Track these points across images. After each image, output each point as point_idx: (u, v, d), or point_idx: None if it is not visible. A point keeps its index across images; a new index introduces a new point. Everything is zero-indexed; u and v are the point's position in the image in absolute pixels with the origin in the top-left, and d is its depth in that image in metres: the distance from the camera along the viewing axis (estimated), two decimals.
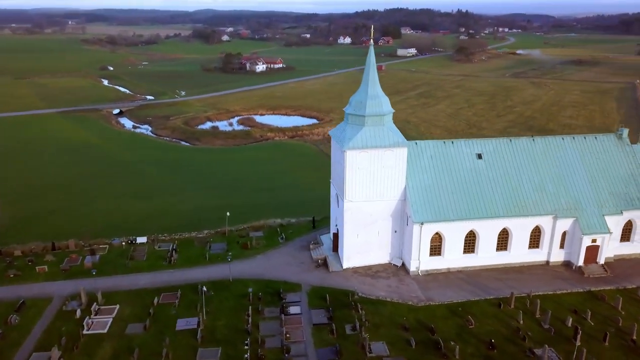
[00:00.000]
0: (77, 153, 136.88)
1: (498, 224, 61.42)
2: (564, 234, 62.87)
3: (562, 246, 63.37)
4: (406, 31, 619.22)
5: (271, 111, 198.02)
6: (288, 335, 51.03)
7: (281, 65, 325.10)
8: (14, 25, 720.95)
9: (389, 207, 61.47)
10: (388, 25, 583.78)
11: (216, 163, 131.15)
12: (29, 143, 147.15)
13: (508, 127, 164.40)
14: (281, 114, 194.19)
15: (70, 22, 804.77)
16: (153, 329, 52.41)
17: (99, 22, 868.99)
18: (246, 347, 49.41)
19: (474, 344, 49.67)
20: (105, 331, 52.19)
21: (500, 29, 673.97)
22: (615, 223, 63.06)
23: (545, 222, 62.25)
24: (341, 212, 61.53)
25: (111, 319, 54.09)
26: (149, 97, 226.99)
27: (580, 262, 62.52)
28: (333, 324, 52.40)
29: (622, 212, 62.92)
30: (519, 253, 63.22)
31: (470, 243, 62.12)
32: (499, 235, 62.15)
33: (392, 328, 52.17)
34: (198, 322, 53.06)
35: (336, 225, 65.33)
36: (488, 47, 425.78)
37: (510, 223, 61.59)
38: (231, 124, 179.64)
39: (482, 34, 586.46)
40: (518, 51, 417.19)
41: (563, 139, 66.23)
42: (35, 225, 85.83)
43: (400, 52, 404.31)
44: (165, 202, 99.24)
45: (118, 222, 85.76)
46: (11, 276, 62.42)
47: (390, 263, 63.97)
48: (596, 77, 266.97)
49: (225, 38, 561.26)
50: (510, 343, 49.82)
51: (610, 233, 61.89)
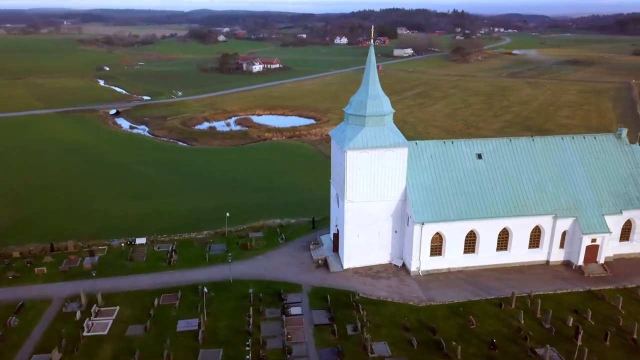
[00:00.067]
0: (75, 153, 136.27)
1: (498, 224, 61.50)
2: (564, 234, 63.03)
3: (562, 246, 63.54)
4: (402, 31, 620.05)
5: (268, 111, 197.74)
6: (289, 336, 50.94)
7: (278, 65, 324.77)
8: (9, 25, 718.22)
9: (390, 208, 61.46)
10: (384, 25, 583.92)
11: (214, 163, 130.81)
12: (26, 143, 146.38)
13: (505, 127, 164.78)
14: (278, 114, 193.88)
15: (65, 22, 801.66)
16: (154, 331, 52.25)
17: (95, 22, 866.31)
18: (247, 348, 49.32)
19: (476, 344, 49.72)
20: (105, 333, 52.01)
21: (496, 29, 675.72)
22: (614, 223, 63.26)
23: (545, 222, 62.37)
24: (342, 213, 61.45)
25: (111, 321, 53.90)
26: (146, 98, 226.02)
27: (580, 262, 62.67)
28: (334, 325, 52.34)
29: (622, 212, 63.14)
30: (519, 253, 63.33)
31: (470, 243, 62.17)
32: (499, 235, 62.23)
33: (394, 328, 52.17)
34: (199, 323, 52.92)
35: (336, 225, 65.24)
36: (484, 48, 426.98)
37: (510, 223, 61.69)
38: (228, 124, 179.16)
39: (478, 34, 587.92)
40: (514, 51, 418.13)
41: (562, 139, 66.37)
42: (33, 226, 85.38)
43: (396, 52, 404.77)
44: (163, 203, 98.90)
45: (116, 223, 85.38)
46: (10, 278, 62.10)
47: (390, 263, 63.94)
48: (592, 77, 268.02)
49: (221, 38, 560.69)
50: (511, 343, 49.89)
51: (609, 233, 62.06)
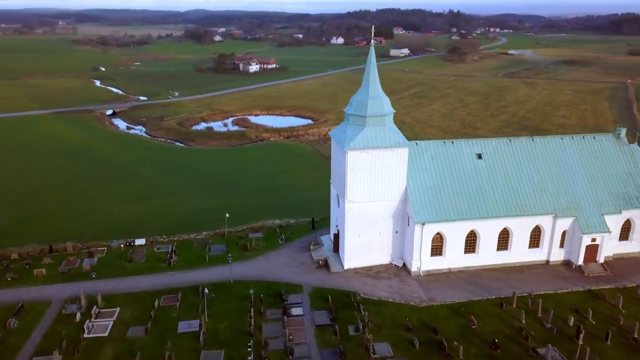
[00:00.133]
0: (72, 154, 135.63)
1: (499, 224, 61.59)
2: (564, 234, 63.17)
3: (562, 245, 63.67)
4: (398, 31, 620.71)
5: (266, 111, 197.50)
6: (291, 337, 50.84)
7: (274, 65, 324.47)
8: (4, 25, 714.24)
9: (390, 208, 61.43)
10: (380, 25, 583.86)
11: (212, 164, 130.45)
12: (23, 144, 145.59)
13: (502, 127, 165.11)
14: (276, 115, 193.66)
15: (60, 23, 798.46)
16: (154, 332, 52.05)
17: (90, 23, 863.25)
18: (249, 350, 49.18)
19: (477, 344, 49.76)
20: (106, 334, 51.77)
21: (491, 29, 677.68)
22: (614, 222, 63.46)
23: (545, 222, 62.49)
24: (342, 213, 61.38)
25: (112, 322, 53.65)
26: (142, 98, 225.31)
27: (580, 261, 62.83)
28: (336, 325, 52.25)
29: (621, 211, 63.34)
30: (519, 253, 63.44)
31: (471, 243, 62.22)
32: (500, 234, 62.31)
33: (395, 329, 52.16)
34: (200, 325, 52.74)
35: (337, 226, 65.14)
36: (480, 48, 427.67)
37: (510, 223, 61.78)
38: (226, 125, 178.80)
39: (474, 34, 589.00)
40: (510, 51, 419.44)
41: (562, 139, 66.53)
42: (31, 227, 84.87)
43: (393, 53, 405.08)
44: (162, 204, 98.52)
45: (115, 224, 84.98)
46: (9, 279, 61.73)
47: (391, 264, 63.91)
48: (588, 77, 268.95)
49: (217, 38, 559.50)
50: (513, 343, 49.96)
51: (609, 232, 62.24)
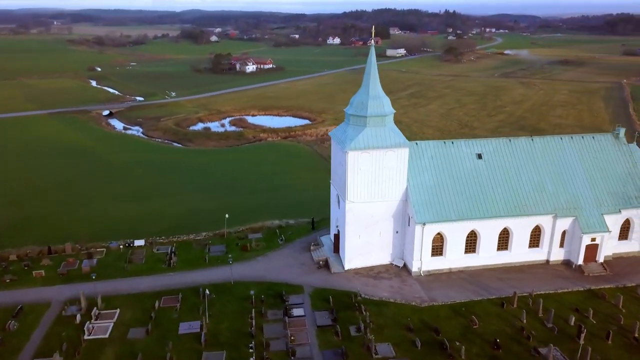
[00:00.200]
0: (69, 155, 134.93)
1: (499, 224, 61.65)
2: (564, 233, 63.31)
3: (562, 245, 63.80)
4: (394, 31, 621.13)
5: (263, 112, 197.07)
6: (293, 337, 50.72)
7: (271, 65, 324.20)
8: None
9: (391, 208, 61.39)
10: (377, 25, 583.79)
11: (210, 164, 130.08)
12: (20, 145, 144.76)
13: (499, 127, 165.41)
14: (273, 115, 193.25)
15: (55, 23, 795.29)
16: (155, 334, 51.82)
17: (85, 23, 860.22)
18: (251, 351, 49.05)
19: (479, 344, 49.77)
20: (106, 336, 51.50)
21: (487, 30, 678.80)
22: (613, 222, 63.64)
23: (545, 222, 62.60)
24: (342, 213, 61.31)
25: (112, 324, 53.38)
26: (139, 98, 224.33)
27: (580, 261, 62.97)
28: (337, 326, 52.16)
29: (621, 211, 63.54)
30: (520, 252, 63.53)
31: (471, 243, 62.26)
32: (500, 234, 62.37)
33: (397, 329, 52.11)
34: (201, 326, 52.55)
35: (337, 226, 65.03)
36: (476, 48, 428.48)
37: (510, 223, 61.86)
38: (223, 125, 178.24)
39: (470, 35, 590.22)
40: (506, 51, 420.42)
41: (561, 139, 66.68)
42: (29, 228, 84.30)
43: (389, 53, 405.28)
44: (161, 204, 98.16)
45: (114, 225, 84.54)
46: (7, 281, 61.37)
47: (391, 264, 63.89)
48: (583, 77, 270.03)
49: (213, 38, 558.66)
50: (514, 343, 50.01)
51: (609, 232, 62.42)
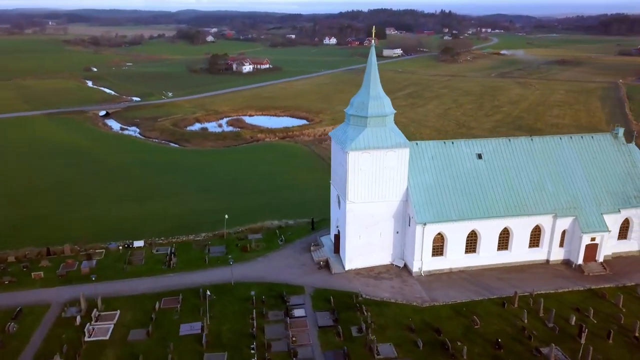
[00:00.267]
0: (66, 156, 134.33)
1: (499, 224, 61.71)
2: (564, 233, 63.43)
3: (562, 245, 63.93)
4: (390, 32, 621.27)
5: (260, 112, 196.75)
6: (294, 338, 50.61)
7: (268, 65, 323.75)
8: None
9: (391, 208, 61.36)
10: (372, 25, 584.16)
11: (208, 165, 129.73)
12: (17, 145, 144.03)
13: (497, 127, 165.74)
14: (270, 115, 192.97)
15: (50, 23, 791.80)
16: (156, 335, 51.61)
17: (80, 23, 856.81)
18: (252, 352, 48.93)
19: (481, 344, 49.78)
20: (107, 338, 51.26)
21: (483, 30, 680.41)
22: (613, 221, 63.82)
23: (545, 221, 62.71)
24: (343, 214, 61.24)
25: (112, 325, 53.13)
26: (136, 99, 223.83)
27: (579, 261, 63.10)
28: (339, 327, 52.06)
29: (620, 211, 63.73)
30: (520, 252, 63.63)
31: (471, 243, 62.31)
32: (500, 234, 62.42)
33: (398, 329, 52.07)
34: (202, 327, 52.36)
35: (337, 226, 64.96)
36: (473, 48, 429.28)
37: (511, 222, 61.93)
38: (220, 125, 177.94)
39: (466, 35, 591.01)
40: (502, 51, 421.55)
41: (561, 139, 66.82)
42: (28, 229, 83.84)
43: (386, 53, 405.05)
44: (159, 205, 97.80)
45: (112, 226, 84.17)
46: (6, 283, 61.00)
47: (392, 264, 63.86)
48: (580, 77, 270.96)
49: (210, 39, 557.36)
50: (516, 342, 50.05)
51: (609, 231, 62.59)
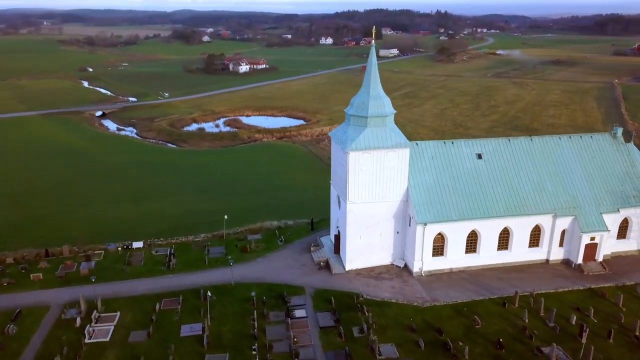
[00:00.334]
0: (63, 156, 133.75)
1: (499, 224, 61.77)
2: (563, 232, 63.56)
3: (562, 244, 64.07)
4: (387, 32, 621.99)
5: (257, 112, 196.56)
6: (296, 339, 50.48)
7: (264, 65, 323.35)
8: None
9: (391, 208, 61.34)
10: (368, 25, 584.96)
11: (205, 165, 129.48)
12: (13, 146, 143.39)
13: (494, 127, 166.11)
14: (267, 115, 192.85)
15: (45, 23, 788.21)
16: (156, 336, 51.36)
17: (75, 23, 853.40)
18: (254, 353, 48.78)
19: (482, 344, 49.81)
20: (107, 339, 50.96)
21: (478, 30, 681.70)
22: (612, 221, 63.98)
23: (545, 221, 62.83)
24: (343, 214, 61.17)
25: (113, 327, 52.85)
26: (132, 99, 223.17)
27: (579, 260, 63.25)
28: (340, 327, 51.99)
29: (619, 210, 63.95)
30: (520, 252, 63.71)
31: (471, 243, 62.37)
32: (500, 234, 62.49)
33: (399, 329, 52.04)
34: (203, 328, 52.17)
35: (337, 227, 64.90)
36: (468, 48, 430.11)
37: (511, 222, 62.00)
38: (217, 126, 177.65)
39: (462, 35, 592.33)
40: (498, 51, 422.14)
41: (560, 139, 66.99)
42: (25, 230, 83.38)
43: (382, 53, 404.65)
44: (157, 205, 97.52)
45: (111, 226, 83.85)
46: (5, 284, 60.58)
47: (392, 264, 63.85)
48: (575, 77, 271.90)
49: (205, 39, 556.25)
50: (517, 342, 50.07)
51: (608, 231, 62.79)
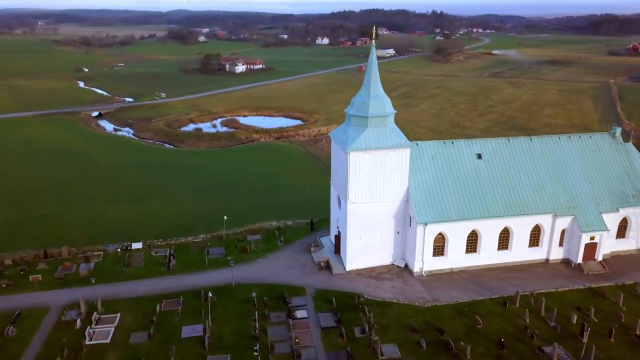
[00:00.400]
0: (60, 157, 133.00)
1: (499, 224, 61.86)
2: (563, 232, 63.71)
3: (561, 244, 64.21)
4: (383, 32, 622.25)
5: (254, 112, 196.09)
6: (297, 340, 50.39)
7: (261, 66, 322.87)
8: None
9: (392, 209, 61.33)
10: (365, 25, 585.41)
11: (203, 165, 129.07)
12: (9, 147, 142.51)
13: (491, 127, 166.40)
14: (265, 115, 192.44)
15: (40, 23, 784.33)
16: (157, 338, 51.20)
17: (70, 23, 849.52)
18: (256, 354, 48.68)
19: (484, 344, 49.86)
20: (108, 341, 50.78)
21: (474, 30, 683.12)
22: (611, 220, 64.18)
23: (544, 221, 62.96)
24: (344, 214, 61.11)
25: (113, 328, 52.64)
26: (128, 99, 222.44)
27: (579, 260, 63.42)
28: (342, 327, 51.94)
29: (618, 210, 64.16)
30: (520, 252, 63.82)
31: (472, 242, 62.43)
32: (500, 234, 62.56)
33: (401, 330, 52.03)
34: (204, 329, 52.01)
35: (338, 227, 64.84)
36: (464, 48, 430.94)
37: (511, 222, 62.10)
38: (214, 126, 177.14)
39: (457, 35, 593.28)
40: (494, 51, 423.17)
41: (559, 138, 67.15)
42: (23, 232, 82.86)
43: (378, 53, 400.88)
44: (156, 206, 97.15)
45: (110, 227, 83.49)
46: (3, 286, 60.22)
47: (393, 264, 63.84)
48: (571, 77, 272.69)
49: (201, 39, 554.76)
50: (519, 342, 50.15)
51: (607, 230, 62.98)
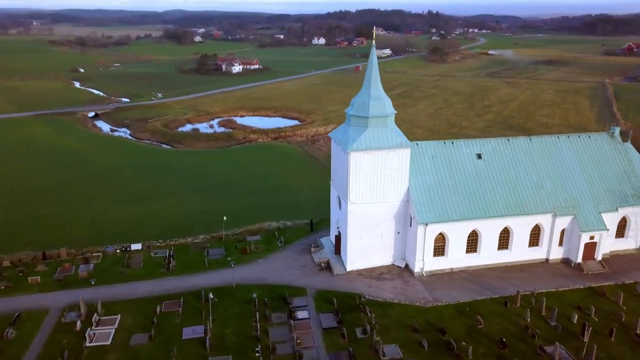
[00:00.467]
0: (57, 158, 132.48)
1: (500, 223, 61.94)
2: (563, 232, 63.87)
3: (561, 244, 64.37)
4: (379, 32, 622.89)
5: (251, 112, 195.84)
6: (299, 340, 50.30)
7: (257, 66, 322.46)
8: None
9: (392, 209, 61.32)
10: (361, 26, 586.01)
11: (201, 166, 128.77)
12: (6, 147, 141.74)
13: (488, 127, 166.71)
14: (262, 116, 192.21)
15: (35, 23, 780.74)
16: (158, 339, 50.97)
17: (66, 23, 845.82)
18: (257, 355, 48.55)
19: (485, 344, 49.91)
20: (108, 343, 50.51)
21: (470, 30, 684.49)
22: (611, 220, 64.39)
23: (544, 221, 63.10)
24: (344, 215, 61.06)
25: (113, 330, 52.39)
26: (125, 100, 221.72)
27: (579, 259, 63.61)
28: (343, 328, 51.89)
29: (618, 209, 64.38)
30: (520, 251, 63.95)
31: (472, 242, 62.50)
32: (500, 234, 62.66)
33: (402, 330, 52.02)
34: (205, 330, 51.86)
35: (338, 227, 64.78)
36: (461, 48, 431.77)
37: (511, 222, 62.20)
38: (212, 126, 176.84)
39: (453, 35, 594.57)
40: (490, 51, 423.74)
41: (558, 138, 67.34)
42: (22, 233, 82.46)
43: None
44: (155, 207, 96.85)
45: (109, 228, 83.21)
46: (2, 288, 59.83)
47: (393, 265, 63.83)
48: (567, 77, 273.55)
49: (197, 39, 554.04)
50: (520, 341, 50.23)
51: (607, 230, 63.17)
